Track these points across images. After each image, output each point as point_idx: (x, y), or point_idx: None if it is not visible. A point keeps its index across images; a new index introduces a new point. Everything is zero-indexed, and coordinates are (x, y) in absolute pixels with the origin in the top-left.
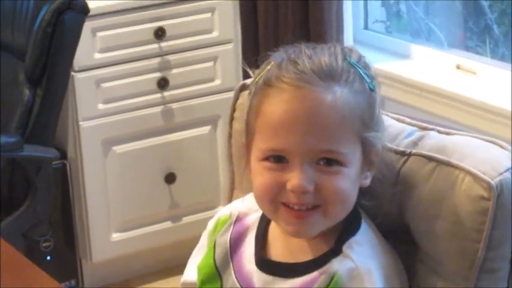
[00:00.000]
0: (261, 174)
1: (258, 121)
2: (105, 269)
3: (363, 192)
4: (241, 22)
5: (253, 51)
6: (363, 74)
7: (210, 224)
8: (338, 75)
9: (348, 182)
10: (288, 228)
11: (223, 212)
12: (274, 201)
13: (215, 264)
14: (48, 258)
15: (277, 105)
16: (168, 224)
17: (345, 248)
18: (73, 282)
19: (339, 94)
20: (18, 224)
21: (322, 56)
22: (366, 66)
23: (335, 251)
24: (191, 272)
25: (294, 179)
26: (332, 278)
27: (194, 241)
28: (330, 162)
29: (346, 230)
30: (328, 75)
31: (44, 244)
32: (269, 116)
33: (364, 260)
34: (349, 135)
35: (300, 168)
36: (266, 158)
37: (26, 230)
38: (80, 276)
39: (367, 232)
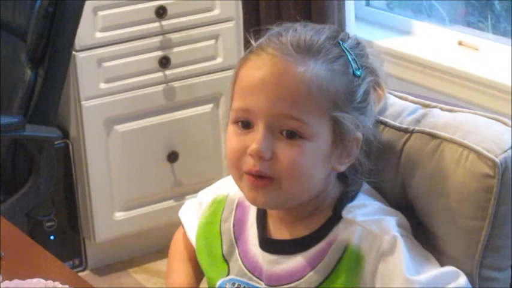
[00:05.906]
0: (230, 139)
1: (235, 84)
2: (109, 248)
3: (365, 170)
4: None
5: (255, 29)
6: (350, 59)
7: (205, 201)
8: (315, 51)
9: (308, 157)
10: (247, 196)
11: (216, 192)
12: (239, 168)
13: (222, 253)
14: (52, 237)
15: (250, 70)
16: (171, 203)
17: (344, 213)
18: (77, 261)
19: (311, 68)
20: (22, 204)
21: (308, 32)
22: (362, 55)
23: (335, 219)
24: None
25: (253, 143)
26: (346, 247)
27: None
28: (293, 134)
29: (342, 198)
30: (304, 49)
31: (48, 224)
32: (242, 78)
33: (370, 216)
34: (314, 108)
35: (262, 133)
36: (236, 122)
37: (29, 209)
38: (83, 256)
39: (366, 197)
